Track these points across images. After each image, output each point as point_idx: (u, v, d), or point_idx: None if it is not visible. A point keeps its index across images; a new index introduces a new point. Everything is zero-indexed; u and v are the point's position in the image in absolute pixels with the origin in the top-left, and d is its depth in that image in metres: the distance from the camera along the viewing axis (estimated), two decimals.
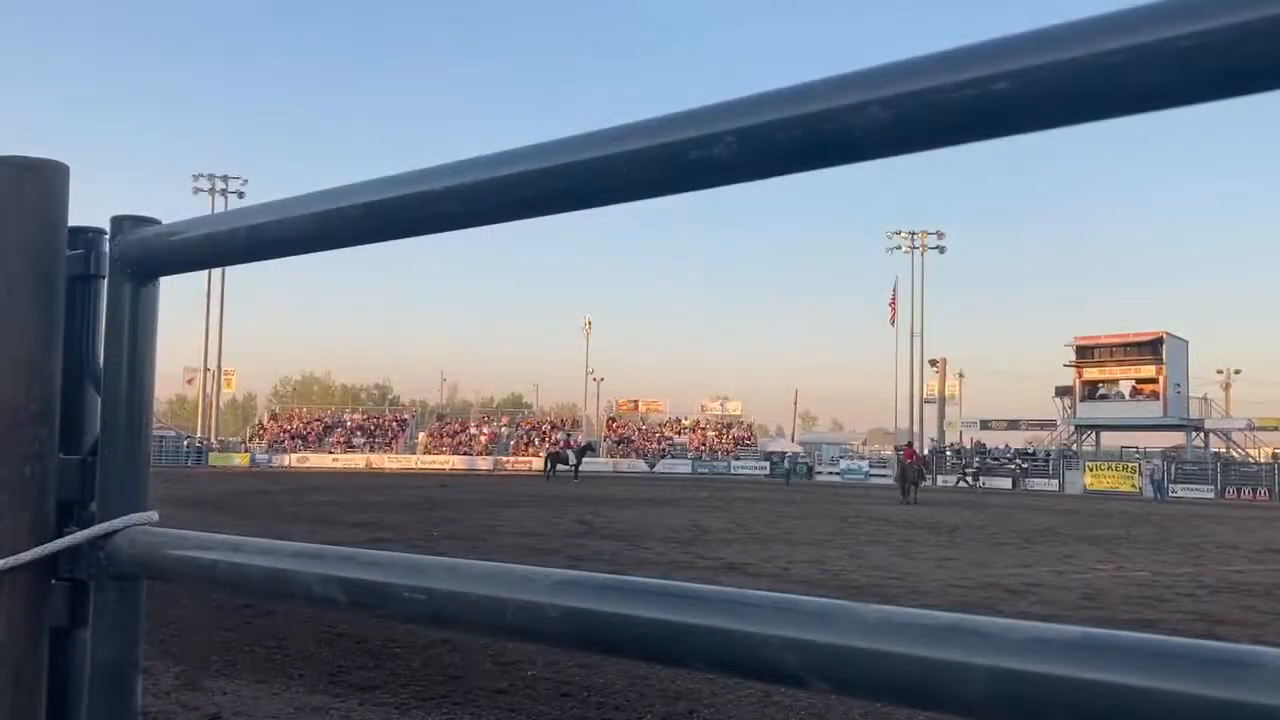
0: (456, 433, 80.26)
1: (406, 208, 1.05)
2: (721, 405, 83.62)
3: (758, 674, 0.78)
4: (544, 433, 78.71)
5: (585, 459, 56.29)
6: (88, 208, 1.51)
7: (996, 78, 0.67)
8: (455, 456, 74.01)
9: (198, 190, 78.96)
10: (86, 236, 1.44)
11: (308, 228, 1.15)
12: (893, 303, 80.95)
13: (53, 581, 1.38)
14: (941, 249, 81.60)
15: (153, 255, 1.34)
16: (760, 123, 0.79)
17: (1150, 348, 61.76)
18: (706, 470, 69.68)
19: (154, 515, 1.36)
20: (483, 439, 78.47)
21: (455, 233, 1.06)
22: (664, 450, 75.46)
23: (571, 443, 64.02)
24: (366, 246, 1.15)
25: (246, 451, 74.07)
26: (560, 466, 52.40)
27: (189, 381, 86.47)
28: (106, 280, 1.40)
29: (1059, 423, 68.26)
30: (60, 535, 1.36)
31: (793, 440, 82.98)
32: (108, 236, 1.41)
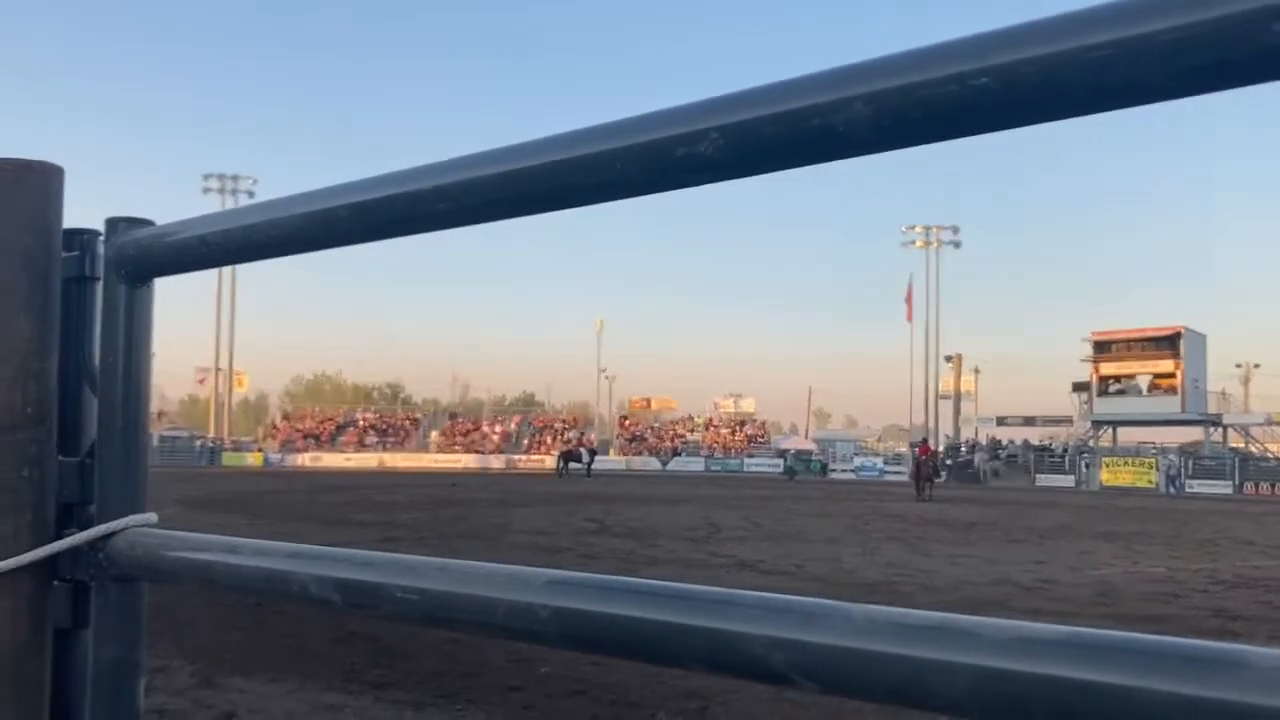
0: (469, 431, 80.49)
1: (394, 207, 1.05)
2: (735, 403, 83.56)
3: (745, 673, 0.78)
4: (556, 431, 78.88)
5: (596, 458, 57.76)
6: (100, 209, 1.50)
7: (978, 73, 0.67)
8: (467, 455, 74.24)
9: (207, 190, 79.39)
10: (82, 239, 1.44)
11: (299, 228, 1.16)
12: (908, 299, 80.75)
13: (54, 583, 1.39)
14: (957, 244, 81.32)
15: (147, 256, 1.34)
16: (745, 119, 0.78)
17: (1168, 342, 61.45)
18: (720, 468, 69.68)
19: (153, 517, 1.36)
20: (495, 438, 78.67)
21: (466, 230, 1.06)
22: (677, 448, 75.50)
23: (584, 441, 64.80)
24: (376, 245, 1.15)
25: (260, 451, 74.41)
26: (573, 465, 53.43)
27: (200, 381, 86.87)
28: (101, 282, 1.41)
29: (1075, 418, 68.04)
30: (60, 537, 1.37)
31: (806, 437, 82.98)
32: (102, 238, 1.41)
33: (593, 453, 58.66)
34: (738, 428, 79.95)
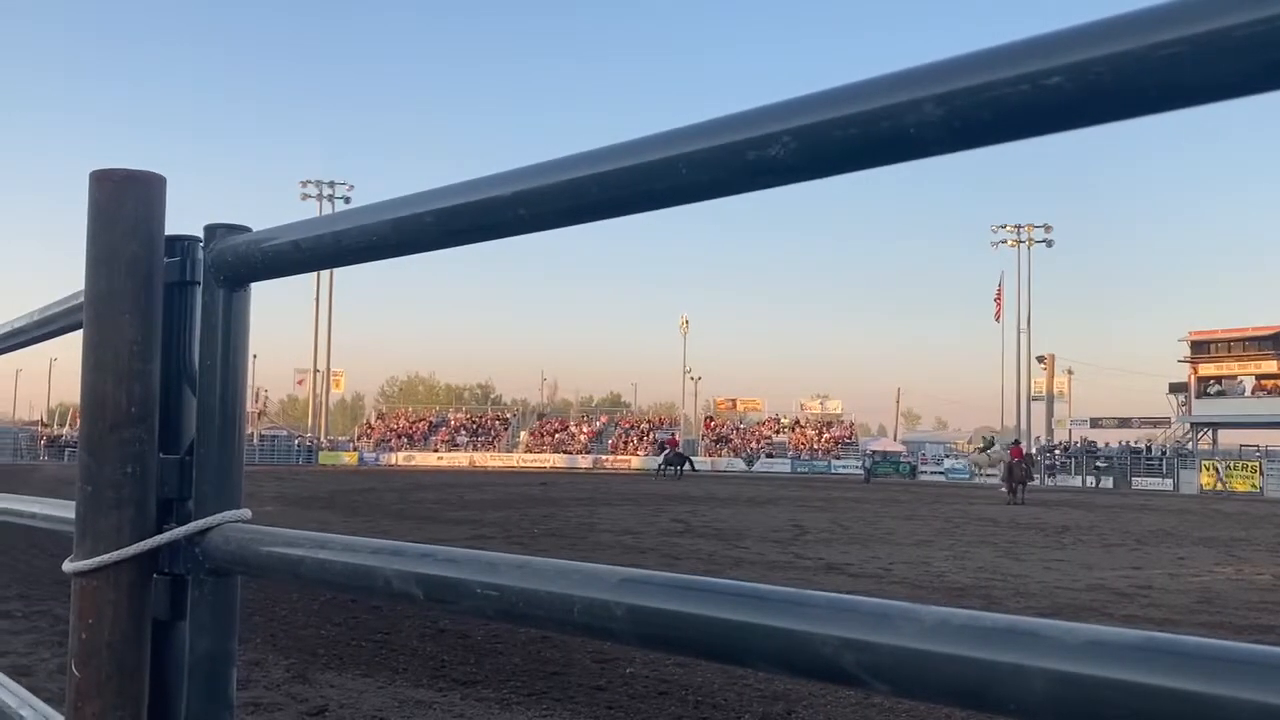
0: (557, 431, 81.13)
1: (476, 213, 1.08)
2: (821, 404, 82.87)
3: (817, 674, 0.78)
4: (642, 431, 79.10)
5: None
6: (206, 215, 1.56)
7: (1050, 72, 0.66)
8: (556, 455, 74.89)
9: (305, 196, 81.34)
10: (183, 245, 1.50)
11: (387, 234, 1.19)
12: (998, 298, 79.15)
13: (154, 576, 1.45)
14: (1049, 242, 79.48)
15: (244, 262, 1.39)
16: (815, 122, 0.79)
17: (1271, 342, 59.27)
18: (806, 469, 69.15)
19: (247, 513, 1.41)
20: (582, 437, 79.19)
21: (555, 233, 1.08)
22: (763, 449, 75.12)
23: (674, 440, 64.79)
24: (466, 248, 1.17)
25: (355, 450, 76.01)
26: (669, 467, 52.84)
27: (299, 383, 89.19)
28: (201, 286, 1.46)
29: (1173, 420, 66.06)
30: (160, 532, 1.43)
31: (895, 439, 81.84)
32: (202, 244, 1.47)
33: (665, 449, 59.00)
34: (824, 429, 79.22)
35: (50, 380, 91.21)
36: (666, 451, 57.42)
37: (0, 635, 8.52)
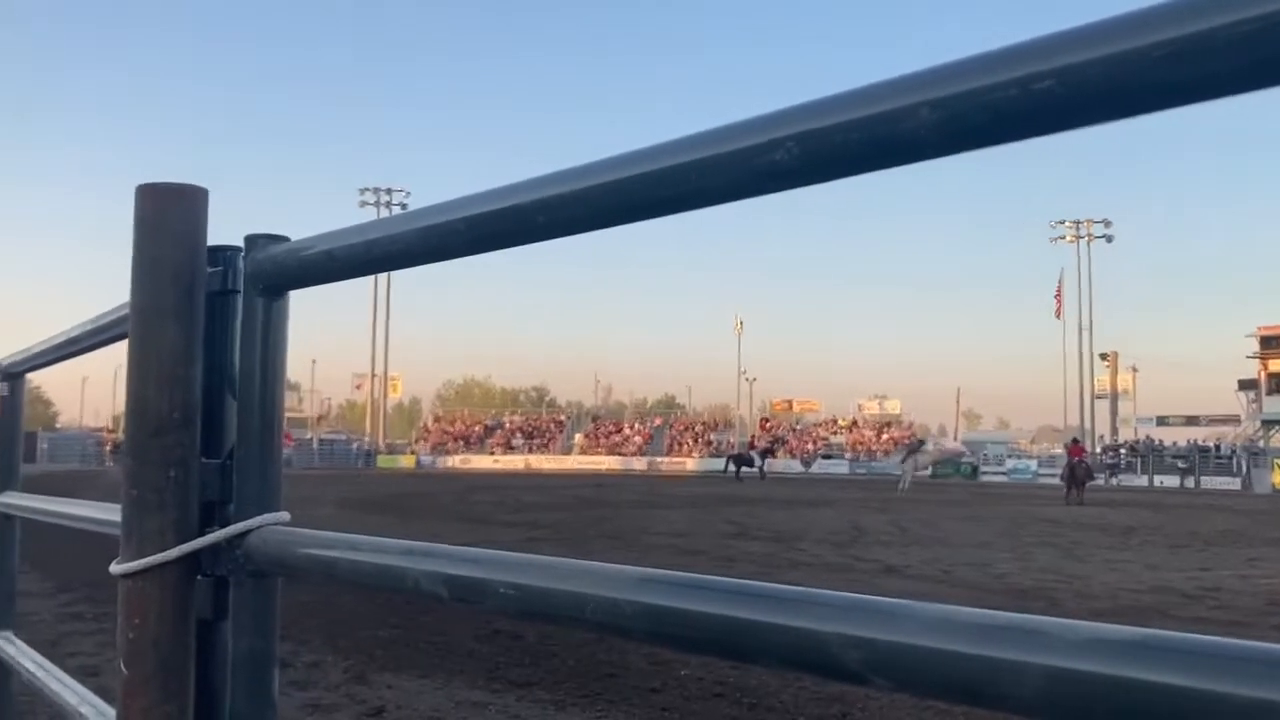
0: (611, 433, 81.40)
1: (502, 221, 1.10)
2: (879, 404, 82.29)
3: (822, 671, 0.79)
4: (696, 433, 79.09)
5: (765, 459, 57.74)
6: (255, 224, 1.61)
7: (1040, 76, 0.67)
8: (610, 457, 75.13)
9: (364, 204, 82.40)
10: (224, 254, 1.55)
11: (416, 242, 1.22)
12: (1058, 295, 78.07)
13: (197, 577, 1.49)
14: (1109, 238, 78.24)
15: (281, 271, 1.43)
16: (817, 128, 0.80)
17: None
18: (865, 470, 68.63)
19: (285, 515, 1.45)
20: (637, 440, 79.36)
21: (608, 236, 1.10)
22: (820, 450, 74.74)
23: (754, 444, 64.58)
24: (519, 253, 1.20)
25: (412, 454, 76.92)
26: (745, 469, 52.87)
27: (358, 387, 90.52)
28: (242, 295, 1.51)
29: (1243, 418, 64.62)
30: (203, 534, 1.47)
31: (955, 439, 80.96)
32: (243, 254, 1.51)
33: (764, 454, 58.42)
34: (883, 429, 78.60)
35: (115, 387, 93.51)
36: (748, 453, 57.19)
37: (71, 636, 8.75)
